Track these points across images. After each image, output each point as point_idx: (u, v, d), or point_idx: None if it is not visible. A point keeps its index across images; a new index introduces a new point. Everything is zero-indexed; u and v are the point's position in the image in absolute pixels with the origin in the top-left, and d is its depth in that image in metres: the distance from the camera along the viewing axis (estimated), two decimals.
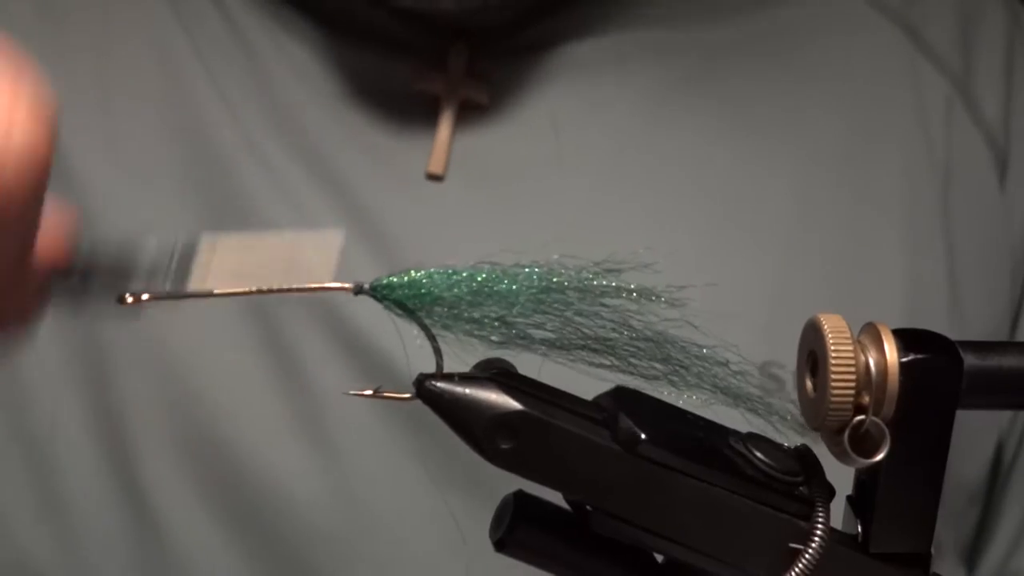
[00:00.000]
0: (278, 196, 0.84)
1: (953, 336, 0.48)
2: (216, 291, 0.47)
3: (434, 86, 0.86)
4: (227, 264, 0.48)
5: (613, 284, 0.49)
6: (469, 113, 0.86)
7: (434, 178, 0.85)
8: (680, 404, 0.51)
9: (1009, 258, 0.91)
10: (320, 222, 0.84)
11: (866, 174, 0.90)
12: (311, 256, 0.48)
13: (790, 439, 0.51)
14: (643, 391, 0.50)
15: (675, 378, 0.50)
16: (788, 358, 0.82)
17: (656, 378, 0.50)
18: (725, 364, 0.50)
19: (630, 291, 0.49)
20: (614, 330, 0.49)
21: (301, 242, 0.49)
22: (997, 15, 0.96)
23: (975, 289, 0.90)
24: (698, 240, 0.86)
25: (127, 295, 0.46)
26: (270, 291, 0.47)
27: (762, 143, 0.89)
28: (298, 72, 0.87)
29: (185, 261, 0.48)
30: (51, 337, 0.83)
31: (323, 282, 0.48)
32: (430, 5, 0.84)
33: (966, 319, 0.89)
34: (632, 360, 0.50)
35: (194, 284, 0.48)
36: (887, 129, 0.91)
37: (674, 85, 0.90)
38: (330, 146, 0.86)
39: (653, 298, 0.50)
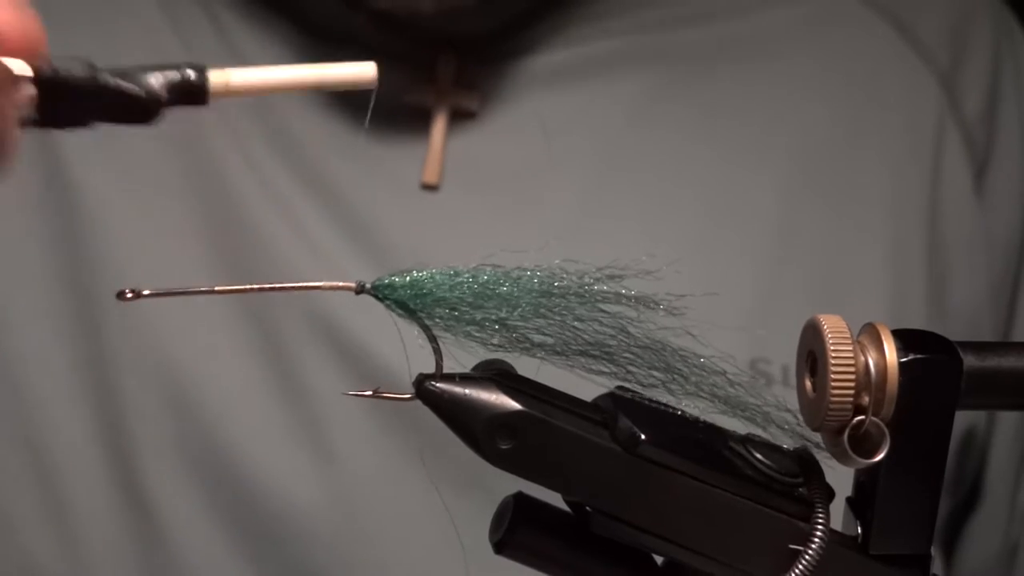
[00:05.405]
0: (274, 210, 0.84)
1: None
2: (217, 288, 0.47)
3: (424, 97, 0.86)
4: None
5: (617, 290, 0.49)
6: (460, 121, 0.87)
7: (429, 188, 0.85)
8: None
9: (985, 258, 0.92)
10: (316, 235, 0.84)
11: (853, 174, 0.90)
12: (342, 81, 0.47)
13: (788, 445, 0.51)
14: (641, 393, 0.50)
15: (674, 386, 0.50)
16: (774, 356, 0.83)
17: (654, 386, 0.50)
18: (723, 373, 0.50)
19: (629, 298, 0.49)
20: (613, 336, 0.49)
21: (330, 71, 0.47)
22: (986, 18, 0.97)
23: (956, 289, 0.91)
24: (685, 241, 0.87)
25: (127, 291, 0.46)
26: (272, 289, 0.47)
27: (748, 144, 0.90)
28: None
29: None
30: (55, 344, 0.83)
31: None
32: (408, 6, 0.84)
33: (948, 320, 0.90)
34: (631, 368, 0.50)
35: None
36: (875, 128, 0.92)
37: (660, 88, 0.90)
38: (323, 159, 0.86)
39: (651, 306, 0.50)
